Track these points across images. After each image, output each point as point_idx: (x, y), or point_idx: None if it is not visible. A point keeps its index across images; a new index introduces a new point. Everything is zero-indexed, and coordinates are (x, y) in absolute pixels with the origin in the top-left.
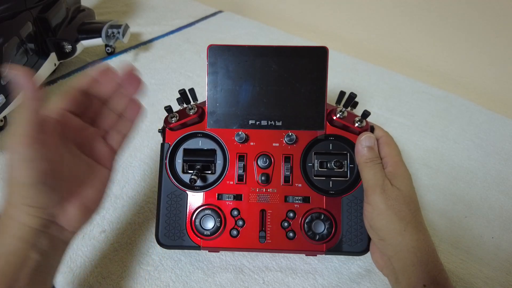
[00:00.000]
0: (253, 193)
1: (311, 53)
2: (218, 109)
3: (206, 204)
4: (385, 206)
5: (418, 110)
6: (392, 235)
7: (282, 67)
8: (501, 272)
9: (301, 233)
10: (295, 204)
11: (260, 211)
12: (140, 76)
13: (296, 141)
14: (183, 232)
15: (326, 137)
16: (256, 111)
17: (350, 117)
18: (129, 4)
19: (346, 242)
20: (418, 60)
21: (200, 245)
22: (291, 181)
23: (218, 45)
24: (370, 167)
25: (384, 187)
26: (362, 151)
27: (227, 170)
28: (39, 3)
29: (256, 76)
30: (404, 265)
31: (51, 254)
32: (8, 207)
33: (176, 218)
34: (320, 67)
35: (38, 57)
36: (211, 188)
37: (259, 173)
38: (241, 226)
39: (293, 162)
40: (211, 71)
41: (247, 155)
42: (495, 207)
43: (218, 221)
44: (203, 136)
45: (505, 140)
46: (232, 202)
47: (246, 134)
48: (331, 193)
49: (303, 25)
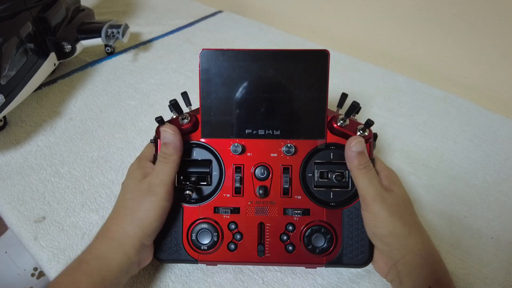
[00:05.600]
0: (250, 206)
1: (311, 57)
2: (213, 118)
3: (202, 218)
4: (388, 213)
5: (418, 110)
6: (398, 240)
7: (279, 72)
8: (500, 272)
9: (300, 247)
10: (295, 217)
11: (259, 224)
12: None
13: (295, 151)
14: (180, 246)
15: (327, 146)
16: (253, 119)
17: (352, 125)
18: (129, 4)
19: (347, 255)
20: (418, 60)
21: (197, 259)
22: (290, 193)
23: (210, 50)
24: (364, 174)
25: (382, 194)
26: (353, 157)
27: (223, 182)
28: (38, 3)
29: (252, 83)
30: (410, 268)
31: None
32: (122, 237)
33: (172, 232)
34: (320, 72)
35: (38, 57)
36: (207, 201)
37: (257, 185)
38: (239, 240)
39: (292, 174)
40: (203, 78)
41: (244, 166)
42: (495, 207)
43: (215, 235)
44: (197, 146)
45: (505, 140)
46: (229, 216)
47: (243, 144)
48: (331, 204)
49: (303, 25)
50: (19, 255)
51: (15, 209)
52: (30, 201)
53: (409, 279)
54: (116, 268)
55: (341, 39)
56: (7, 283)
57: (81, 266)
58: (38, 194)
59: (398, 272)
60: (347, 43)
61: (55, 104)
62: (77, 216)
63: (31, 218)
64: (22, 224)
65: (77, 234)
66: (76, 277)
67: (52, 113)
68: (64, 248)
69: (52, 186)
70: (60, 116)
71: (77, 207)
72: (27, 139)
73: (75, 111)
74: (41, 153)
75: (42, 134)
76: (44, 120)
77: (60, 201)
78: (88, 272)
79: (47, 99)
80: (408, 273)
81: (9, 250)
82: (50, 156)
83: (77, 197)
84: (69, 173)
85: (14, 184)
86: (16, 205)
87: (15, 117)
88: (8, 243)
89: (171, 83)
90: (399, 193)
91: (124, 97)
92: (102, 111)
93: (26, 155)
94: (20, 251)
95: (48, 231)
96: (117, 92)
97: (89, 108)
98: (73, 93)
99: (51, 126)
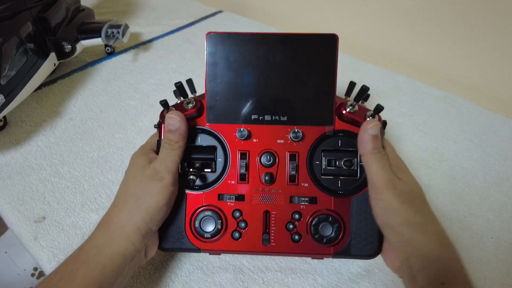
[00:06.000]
0: (256, 193)
1: (320, 42)
2: (218, 103)
3: (206, 205)
4: (399, 201)
5: (418, 110)
6: (412, 230)
7: (287, 57)
8: (500, 272)
9: (307, 236)
10: (301, 205)
11: (264, 212)
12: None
13: (303, 137)
14: (182, 234)
15: (335, 133)
16: (259, 105)
17: (361, 111)
18: (129, 4)
19: (355, 245)
20: (418, 60)
21: (200, 248)
22: (296, 180)
23: (217, 33)
24: (378, 160)
25: (394, 181)
26: (367, 141)
27: (228, 169)
28: (38, 3)
29: (259, 67)
30: (424, 261)
31: (127, 277)
32: (125, 222)
33: (174, 219)
34: (329, 57)
35: (38, 57)
36: (211, 188)
37: (263, 172)
38: (244, 228)
39: (299, 160)
40: (210, 62)
41: (249, 153)
42: (495, 207)
43: (219, 223)
44: (202, 132)
45: (505, 140)
46: (233, 203)
47: (249, 130)
48: (339, 193)
49: (303, 25)
50: (19, 255)
51: (15, 209)
52: (30, 201)
53: (422, 274)
54: (118, 256)
55: (341, 39)
56: (7, 283)
57: (80, 255)
58: (38, 194)
59: (411, 267)
60: (347, 43)
61: (55, 104)
62: (77, 216)
63: (31, 218)
64: (22, 224)
65: (77, 234)
66: (74, 266)
67: (52, 113)
68: (64, 248)
69: (52, 186)
70: (60, 116)
71: (77, 207)
72: (27, 139)
73: (75, 111)
74: (41, 153)
75: (42, 134)
76: (44, 120)
77: (60, 201)
78: (86, 261)
79: (47, 99)
80: (421, 268)
81: (9, 250)
82: (50, 156)
83: (77, 197)
84: (69, 173)
85: (14, 184)
86: (16, 205)
87: (15, 117)
88: (8, 243)
89: (171, 83)
90: (409, 181)
91: (124, 97)
92: (102, 111)
93: (26, 155)
94: (20, 251)
95: (48, 231)
96: (117, 92)
97: (89, 108)
98: (73, 93)
99: (51, 126)
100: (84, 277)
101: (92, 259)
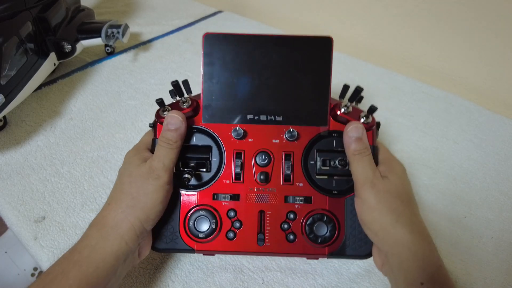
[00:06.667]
0: (251, 192)
1: (315, 44)
2: (214, 102)
3: (200, 205)
4: (376, 199)
5: (418, 110)
6: (384, 228)
7: (283, 58)
8: (500, 272)
9: (302, 236)
10: (296, 205)
11: (259, 212)
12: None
13: (298, 137)
14: (176, 234)
15: (330, 133)
16: (255, 105)
17: (355, 112)
18: (129, 4)
19: (350, 246)
20: (418, 60)
21: (194, 248)
22: (291, 180)
23: (214, 34)
24: (358, 160)
25: (373, 180)
26: (350, 143)
27: (223, 168)
28: (38, 3)
29: (255, 68)
30: (400, 260)
31: (121, 278)
32: (119, 222)
33: (168, 219)
34: (324, 59)
35: (38, 57)
36: (206, 187)
37: (258, 171)
38: (238, 228)
39: (294, 160)
40: (206, 62)
41: (244, 152)
42: (495, 207)
43: (213, 222)
44: (197, 131)
45: (505, 140)
46: (228, 203)
47: (244, 129)
48: (334, 193)
49: (303, 25)
50: (19, 255)
51: (15, 209)
52: (30, 201)
53: (400, 273)
54: (111, 256)
55: (341, 39)
56: (7, 283)
57: (72, 255)
58: (38, 194)
59: (390, 265)
60: (347, 43)
61: (55, 104)
62: (77, 216)
63: (31, 218)
64: (22, 224)
65: (77, 234)
66: (66, 267)
67: (52, 113)
68: (64, 248)
69: (52, 186)
70: (60, 116)
71: (77, 207)
72: (27, 139)
73: (75, 111)
74: (41, 153)
75: (42, 134)
76: (44, 120)
77: (60, 201)
78: (79, 261)
79: (47, 99)
80: (398, 267)
81: (9, 250)
82: (50, 156)
83: (77, 197)
84: (69, 173)
85: (14, 184)
86: (16, 205)
87: (15, 117)
88: (8, 243)
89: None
90: (394, 181)
91: (124, 97)
92: (102, 111)
93: (26, 155)
94: (20, 251)
95: (48, 231)
96: (117, 92)
97: (89, 108)
98: (73, 93)
99: (51, 126)
100: (76, 278)
101: (85, 259)
